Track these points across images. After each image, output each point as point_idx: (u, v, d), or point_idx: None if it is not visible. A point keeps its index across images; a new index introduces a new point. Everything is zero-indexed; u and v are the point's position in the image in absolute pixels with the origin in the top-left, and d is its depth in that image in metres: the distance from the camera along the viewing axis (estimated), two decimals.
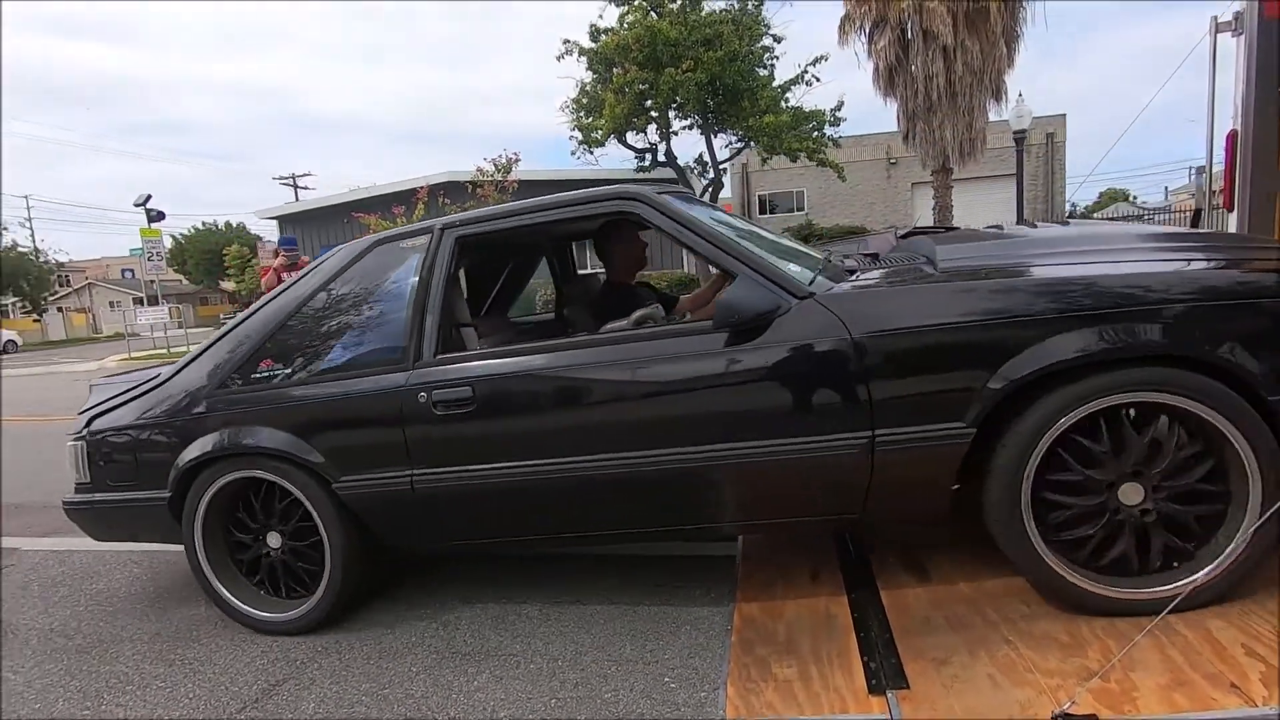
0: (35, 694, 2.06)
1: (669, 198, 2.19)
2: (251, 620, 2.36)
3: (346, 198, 19.60)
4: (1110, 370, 1.69)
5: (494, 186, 15.32)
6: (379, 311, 2.38)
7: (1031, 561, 1.79)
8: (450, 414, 2.12)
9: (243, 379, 2.37)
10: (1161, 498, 1.72)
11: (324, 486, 2.23)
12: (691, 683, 1.84)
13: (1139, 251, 2.08)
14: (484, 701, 1.84)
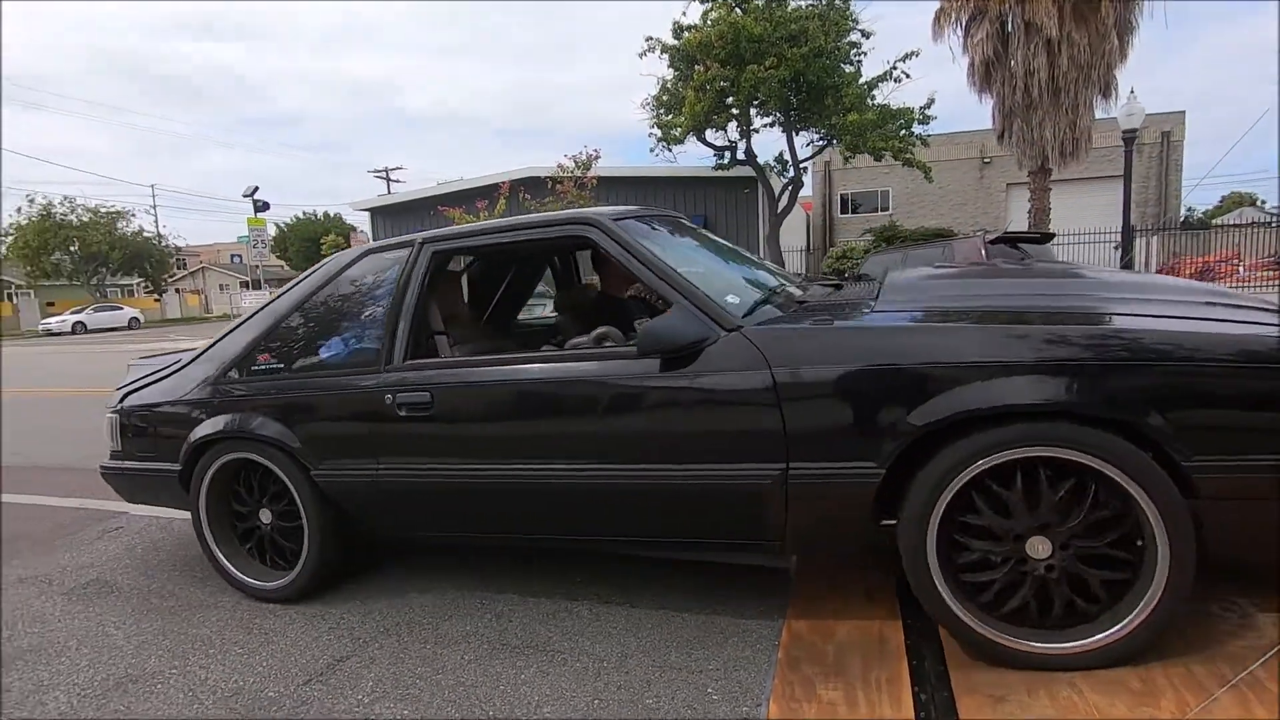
0: (133, 648, 2.26)
1: (624, 225, 2.27)
2: (241, 584, 2.61)
3: (433, 191, 20.36)
4: (1018, 423, 1.68)
5: (573, 183, 15.55)
6: (362, 316, 2.56)
7: (938, 606, 1.80)
8: (412, 416, 2.30)
9: (244, 371, 2.63)
10: (1069, 555, 1.69)
11: (304, 473, 2.45)
12: (734, 696, 1.83)
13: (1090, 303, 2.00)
14: (529, 695, 1.89)
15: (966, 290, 2.31)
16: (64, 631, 2.40)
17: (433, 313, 2.56)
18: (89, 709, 1.94)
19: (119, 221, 32.36)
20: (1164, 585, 1.61)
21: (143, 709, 1.93)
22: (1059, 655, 1.70)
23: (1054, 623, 1.73)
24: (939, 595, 1.78)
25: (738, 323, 1.99)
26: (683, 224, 2.92)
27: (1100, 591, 1.69)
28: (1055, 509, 1.69)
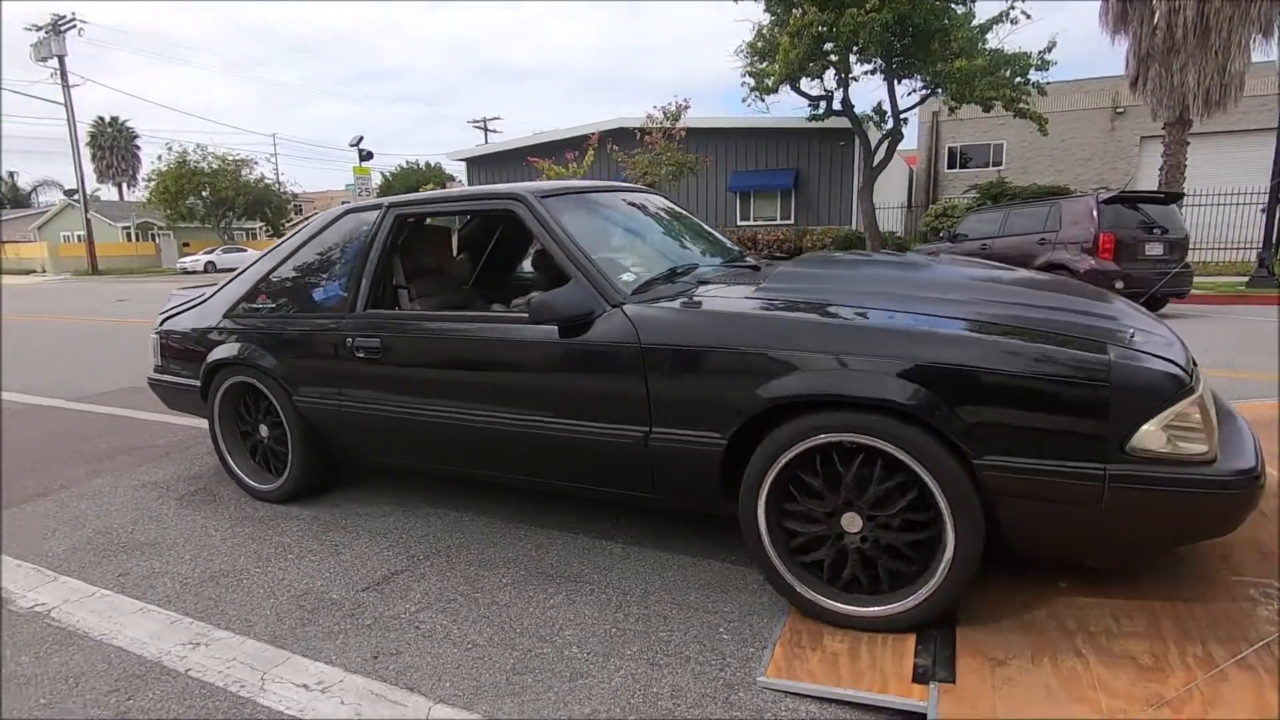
0: (227, 549, 2.59)
1: (547, 203, 2.49)
2: (244, 484, 3.14)
3: (527, 142, 20.67)
4: (831, 411, 1.82)
5: (661, 134, 15.38)
6: (337, 267, 2.92)
7: (764, 565, 1.99)
8: (367, 358, 2.66)
9: (248, 308, 3.08)
10: (875, 532, 1.84)
11: (288, 397, 2.87)
12: (743, 638, 1.92)
13: (929, 304, 2.02)
14: (554, 618, 2.05)
15: (832, 283, 2.39)
16: (174, 530, 2.78)
17: (396, 268, 2.92)
18: (189, 595, 2.26)
19: (243, 169, 34.74)
20: (949, 566, 1.74)
21: (230, 598, 2.23)
22: (860, 617, 1.87)
23: (861, 589, 1.89)
24: (766, 556, 1.97)
25: (620, 300, 2.19)
26: (638, 200, 3.17)
27: (900, 566, 1.83)
28: (864, 490, 1.83)
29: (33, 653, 1.99)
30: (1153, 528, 1.67)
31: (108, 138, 46.42)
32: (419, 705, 1.70)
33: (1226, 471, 1.58)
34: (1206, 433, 1.61)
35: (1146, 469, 1.58)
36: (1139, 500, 1.59)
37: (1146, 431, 1.58)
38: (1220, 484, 1.57)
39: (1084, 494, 1.62)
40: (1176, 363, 1.68)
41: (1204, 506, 1.59)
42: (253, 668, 1.87)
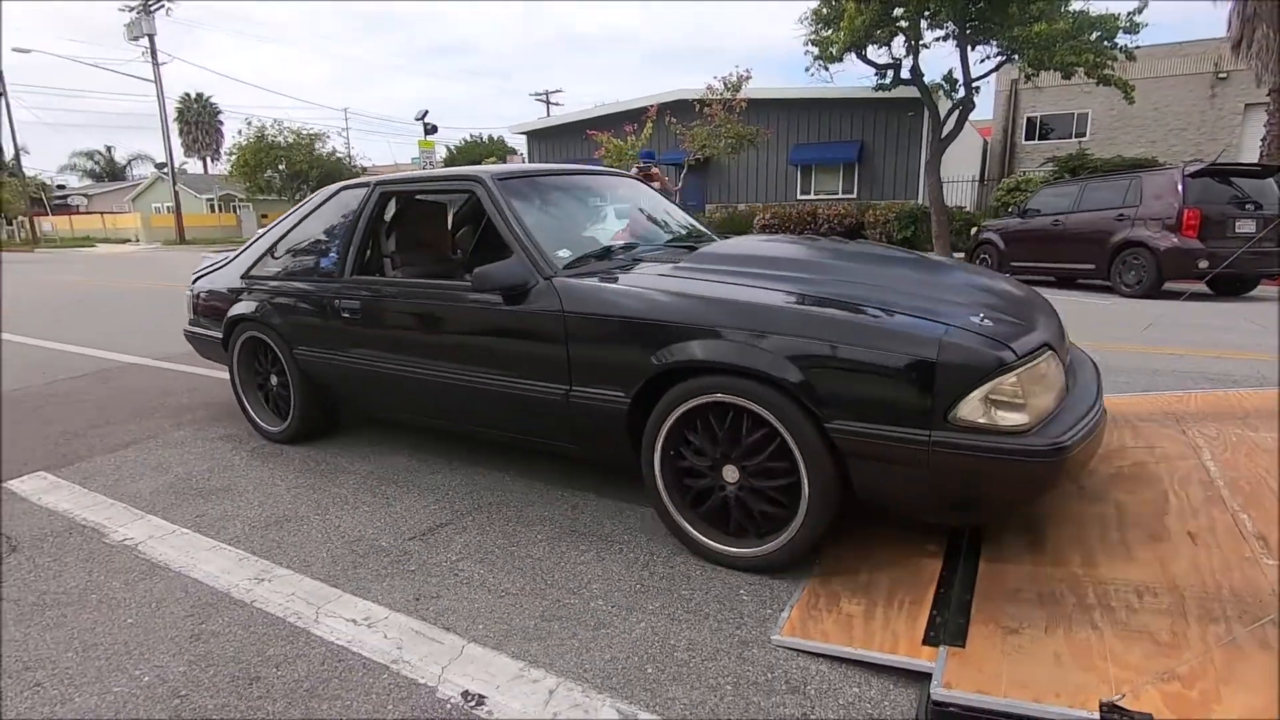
0: (290, 497, 2.81)
1: (503, 184, 2.76)
2: (256, 425, 3.55)
3: (585, 115, 20.69)
4: (711, 375, 2.07)
5: (721, 106, 15.15)
6: (332, 237, 3.28)
7: (660, 510, 2.28)
8: (351, 318, 3.00)
9: (261, 270, 3.48)
10: (747, 483, 2.09)
11: (290, 351, 3.25)
12: (762, 598, 1.98)
13: (806, 284, 2.21)
14: (583, 573, 2.16)
15: (735, 263, 2.49)
16: (244, 478, 3.02)
17: (381, 239, 3.29)
18: (255, 536, 2.48)
19: (317, 143, 36.01)
20: (805, 516, 1.99)
21: (291, 541, 2.43)
22: (738, 556, 2.13)
23: (738, 532, 2.15)
24: (663, 502, 2.26)
25: (552, 273, 2.46)
26: (605, 184, 3.49)
27: (770, 511, 2.07)
28: (738, 446, 2.07)
29: (122, 580, 2.23)
30: (974, 490, 1.85)
31: (193, 113, 48.75)
32: (454, 643, 1.84)
33: (1036, 443, 1.74)
34: (1027, 405, 1.77)
35: (964, 437, 1.76)
36: (958, 465, 1.78)
37: (966, 403, 1.76)
38: (1027, 453, 1.73)
39: (912, 457, 1.82)
40: (1004, 342, 1.82)
41: (1015, 473, 1.76)
42: (309, 602, 2.05)
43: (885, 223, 16.01)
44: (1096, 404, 2.02)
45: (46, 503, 2.83)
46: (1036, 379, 1.84)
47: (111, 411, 4.08)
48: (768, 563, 2.08)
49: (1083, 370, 2.32)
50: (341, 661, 1.78)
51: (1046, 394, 1.86)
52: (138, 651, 1.86)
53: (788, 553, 2.04)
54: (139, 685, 1.73)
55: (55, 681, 1.75)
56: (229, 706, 1.64)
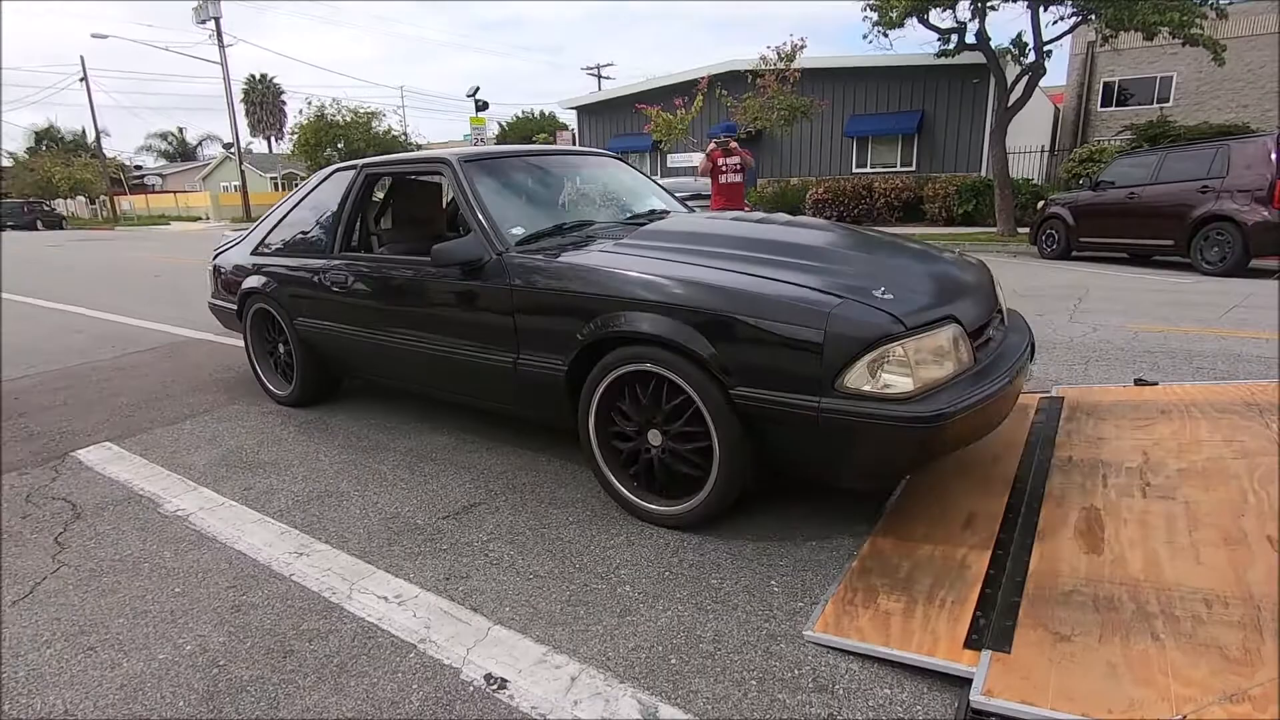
0: (333, 472, 2.87)
1: (467, 166, 2.94)
2: (268, 390, 3.85)
3: (638, 87, 20.43)
4: (632, 345, 2.21)
5: (774, 77, 14.72)
6: (324, 216, 3.51)
7: (594, 468, 2.45)
8: (338, 291, 3.24)
9: (265, 248, 3.78)
10: (669, 446, 2.24)
11: (291, 321, 3.53)
12: (794, 591, 1.92)
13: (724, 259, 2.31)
14: (611, 558, 2.13)
15: (668, 239, 2.63)
16: (291, 453, 3.10)
17: (370, 218, 3.60)
18: (298, 511, 2.54)
19: (374, 121, 36.68)
20: (716, 479, 2.14)
21: (330, 516, 2.48)
22: (663, 513, 2.29)
23: (664, 491, 2.30)
24: (596, 462, 2.43)
25: (503, 249, 2.62)
26: (577, 163, 3.65)
27: (689, 472, 2.21)
28: (660, 411, 2.22)
29: (173, 550, 2.31)
30: (863, 454, 1.97)
31: (258, 94, 50.26)
32: (480, 624, 1.84)
33: (919, 409, 1.83)
34: (914, 375, 1.87)
35: (850, 404, 1.87)
36: (847, 429, 1.89)
37: (852, 371, 1.87)
38: (907, 420, 1.82)
39: (806, 422, 1.93)
40: (894, 314, 1.92)
41: (896, 438, 1.85)
42: (344, 578, 2.09)
43: (945, 196, 15.36)
44: (998, 379, 2.05)
45: (110, 472, 2.96)
46: (927, 350, 1.94)
47: (173, 385, 4.25)
48: (685, 520, 2.25)
49: (1014, 345, 2.34)
50: (371, 639, 1.81)
51: (938, 364, 1.96)
52: (183, 620, 1.93)
53: (702, 511, 2.21)
54: (181, 654, 1.79)
55: (106, 646, 1.83)
56: (263, 679, 1.68)
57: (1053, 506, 2.13)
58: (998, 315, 2.44)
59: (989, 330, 2.29)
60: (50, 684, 1.70)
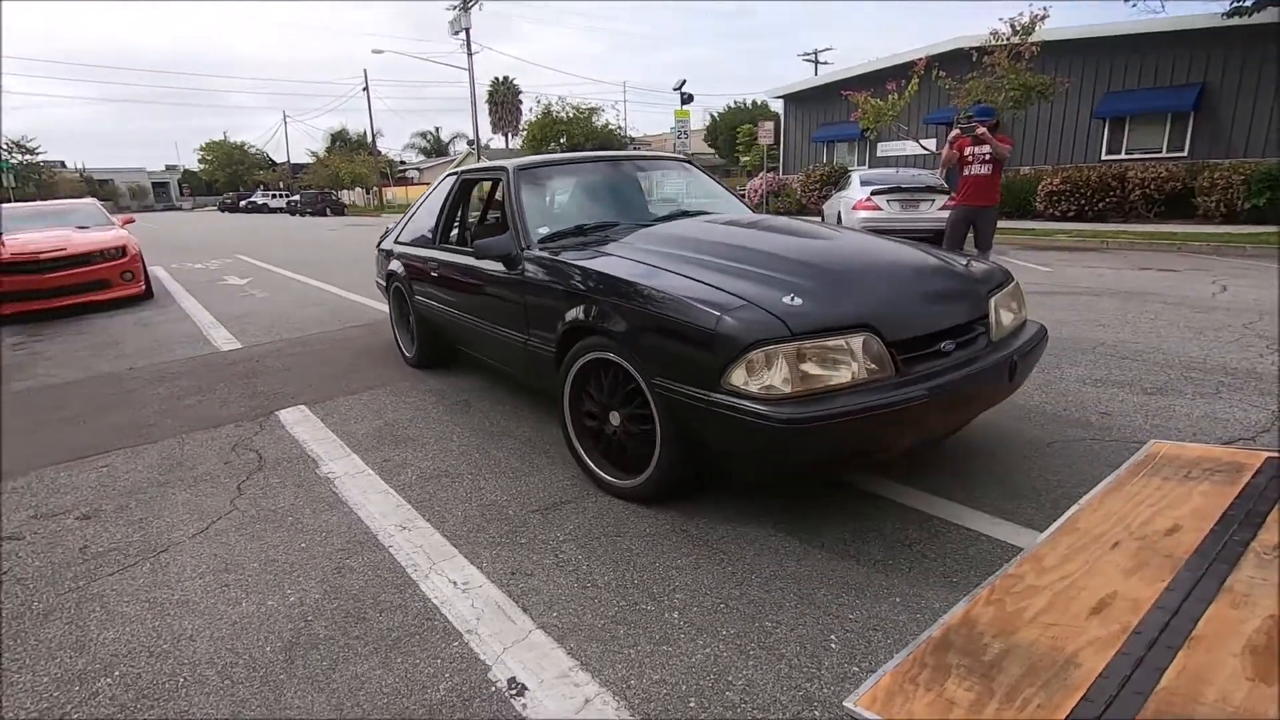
0: (457, 453, 3.10)
1: (525, 175, 3.50)
2: (401, 353, 4.75)
3: (849, 72, 19.39)
4: (593, 335, 2.54)
5: (1006, 53, 13.09)
6: (434, 214, 4.30)
7: (570, 448, 2.77)
8: (436, 275, 3.96)
9: (398, 238, 4.73)
10: (625, 427, 2.49)
11: (411, 297, 4.35)
12: (853, 652, 1.71)
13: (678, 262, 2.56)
14: (674, 577, 2.06)
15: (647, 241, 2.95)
16: (431, 431, 3.41)
17: (464, 215, 4.41)
18: (417, 487, 2.79)
19: (594, 116, 38.93)
20: (659, 458, 2.35)
21: (440, 496, 2.69)
22: (623, 487, 2.54)
23: (623, 466, 2.55)
24: (567, 432, 2.77)
25: (526, 246, 3.10)
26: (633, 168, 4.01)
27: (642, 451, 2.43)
28: (618, 395, 2.48)
29: (312, 508, 2.66)
30: (741, 449, 2.13)
31: (500, 95, 55.78)
32: (524, 626, 1.88)
33: (776, 411, 1.94)
34: (791, 378, 1.99)
35: (730, 399, 2.03)
36: (726, 423, 2.04)
37: (734, 369, 2.03)
38: (765, 418, 1.94)
39: (700, 414, 2.12)
40: (782, 319, 2.05)
41: (760, 437, 1.97)
42: (428, 557, 2.26)
43: (1227, 187, 12.60)
44: (905, 392, 2.05)
45: (295, 432, 3.49)
46: (815, 354, 2.04)
47: (366, 359, 4.90)
48: (638, 493, 2.49)
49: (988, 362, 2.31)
50: (429, 621, 1.93)
51: (831, 369, 2.04)
52: (297, 573, 2.21)
53: (652, 485, 2.44)
54: (285, 603, 2.05)
55: (237, 585, 2.16)
56: (333, 640, 1.87)
57: (1226, 607, 1.66)
58: (976, 330, 2.42)
59: (945, 343, 2.28)
60: (189, 610, 2.04)
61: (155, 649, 1.87)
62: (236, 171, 65.49)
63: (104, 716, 1.64)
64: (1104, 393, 3.53)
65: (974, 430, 3.05)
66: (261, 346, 5.47)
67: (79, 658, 1.86)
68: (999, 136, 6.31)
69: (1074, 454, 2.80)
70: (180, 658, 1.83)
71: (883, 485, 2.57)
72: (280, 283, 9.35)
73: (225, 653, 1.84)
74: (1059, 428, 3.08)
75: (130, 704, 1.67)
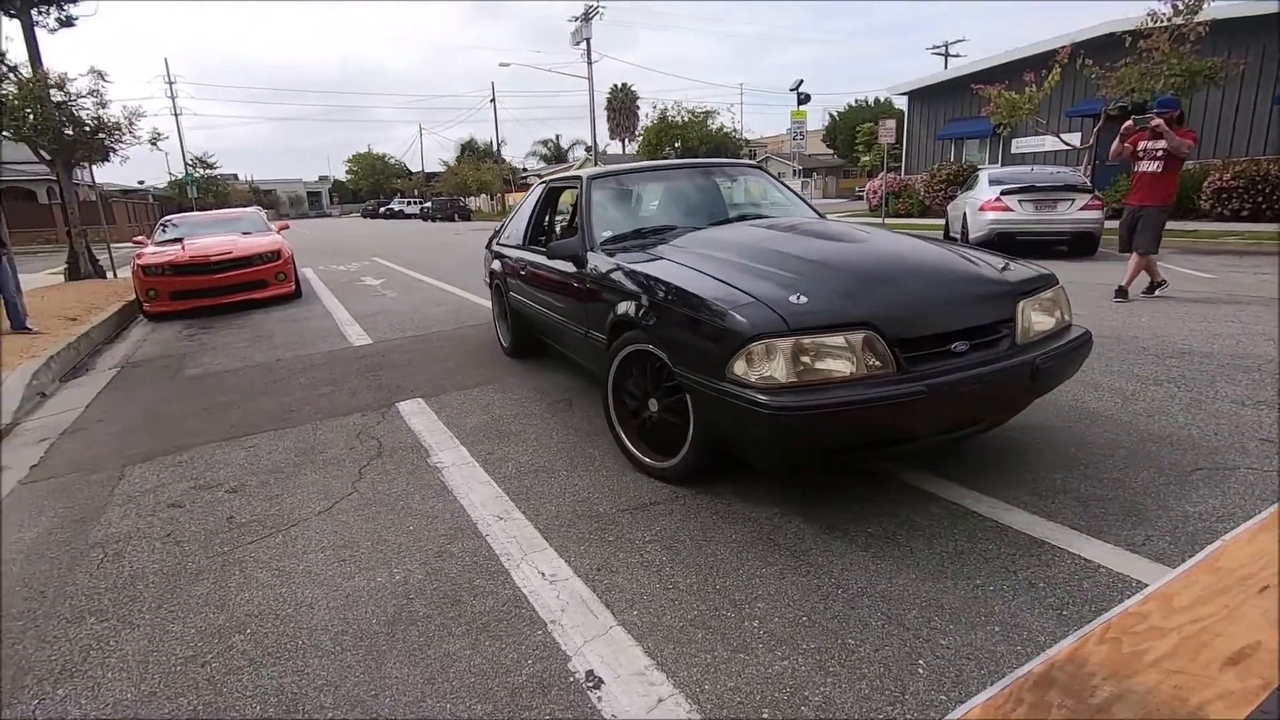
0: (555, 450, 3.22)
1: (598, 183, 3.90)
2: (500, 342, 5.30)
3: (980, 65, 18.23)
4: (633, 329, 2.85)
5: (1167, 35, 11.83)
6: (523, 218, 4.86)
7: (612, 431, 3.07)
8: (525, 273, 4.39)
9: (501, 238, 5.24)
10: (662, 412, 2.76)
11: (506, 292, 4.90)
12: (942, 681, 1.62)
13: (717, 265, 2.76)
14: (756, 587, 2.03)
15: (689, 244, 3.18)
16: (532, 427, 3.56)
17: (547, 218, 4.81)
18: (515, 480, 2.92)
19: (709, 120, 38.92)
20: (692, 440, 2.59)
21: (536, 490, 2.80)
22: (659, 468, 2.78)
23: (659, 449, 2.80)
24: (613, 424, 3.05)
25: (590, 248, 3.45)
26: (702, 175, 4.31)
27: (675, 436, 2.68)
28: (656, 384, 2.74)
29: (421, 494, 2.85)
30: (742, 434, 2.30)
31: (619, 101, 57.01)
32: (605, 621, 1.93)
33: (766, 399, 2.13)
34: (788, 369, 2.17)
35: (731, 387, 2.23)
36: (730, 409, 2.24)
37: (737, 360, 2.23)
38: (754, 404, 2.14)
39: (712, 400, 2.33)
40: (782, 316, 2.22)
41: (754, 421, 2.16)
42: (521, 547, 2.36)
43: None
44: (897, 387, 2.16)
45: (412, 423, 3.75)
46: (812, 349, 2.20)
47: (480, 356, 5.18)
48: (671, 473, 2.74)
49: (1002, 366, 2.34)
50: (517, 608, 2.02)
51: (831, 362, 2.21)
52: (404, 554, 2.38)
53: (683, 467, 2.68)
54: (391, 580, 2.22)
55: (352, 561, 2.36)
56: (430, 618, 2.00)
57: None
58: (1000, 332, 2.44)
59: (958, 344, 2.34)
60: (311, 581, 2.26)
61: (280, 613, 2.08)
62: (378, 180, 71.06)
63: (235, 667, 1.85)
64: (1266, 416, 3.12)
65: (1100, 451, 2.80)
66: (388, 343, 5.91)
67: (220, 614, 2.10)
68: (1181, 130, 5.74)
69: (1222, 484, 2.50)
70: (300, 622, 2.03)
71: (989, 506, 2.41)
72: (409, 284, 10.05)
73: (338, 621, 2.02)
74: (1206, 454, 2.75)
75: (257, 659, 1.87)
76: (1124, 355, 4.24)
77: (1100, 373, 3.89)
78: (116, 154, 12.28)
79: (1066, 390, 3.56)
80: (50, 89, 11.30)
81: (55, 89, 11.42)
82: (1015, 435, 3.02)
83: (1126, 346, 4.44)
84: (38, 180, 27.96)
